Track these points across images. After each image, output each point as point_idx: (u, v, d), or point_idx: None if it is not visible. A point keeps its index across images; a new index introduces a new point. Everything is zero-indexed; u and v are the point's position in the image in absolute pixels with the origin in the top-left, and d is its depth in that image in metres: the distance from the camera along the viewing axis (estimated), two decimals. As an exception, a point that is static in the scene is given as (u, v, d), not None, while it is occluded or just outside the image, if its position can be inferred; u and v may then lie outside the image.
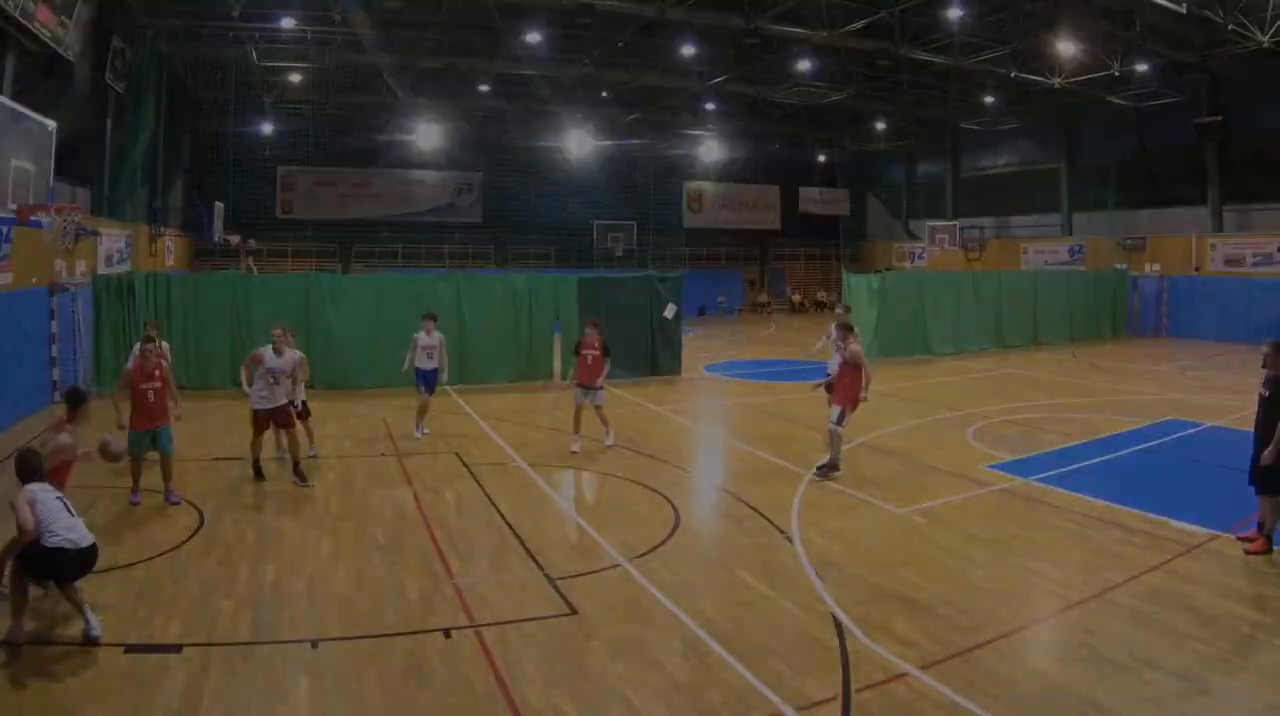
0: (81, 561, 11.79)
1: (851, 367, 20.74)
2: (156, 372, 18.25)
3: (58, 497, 11.99)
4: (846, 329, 21.86)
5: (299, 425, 21.02)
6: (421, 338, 24.34)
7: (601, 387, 23.59)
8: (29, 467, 12.18)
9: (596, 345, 23.69)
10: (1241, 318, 49.46)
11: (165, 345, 22.13)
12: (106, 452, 15.74)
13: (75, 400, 15.43)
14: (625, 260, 73.75)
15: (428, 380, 24.54)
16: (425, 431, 24.57)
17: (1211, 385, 34.66)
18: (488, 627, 12.26)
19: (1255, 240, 53.05)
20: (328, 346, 32.17)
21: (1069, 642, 11.89)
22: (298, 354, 20.87)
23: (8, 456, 21.11)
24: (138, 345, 20.86)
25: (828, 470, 20.57)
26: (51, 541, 11.43)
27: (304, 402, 21.90)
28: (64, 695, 10.17)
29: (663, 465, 21.94)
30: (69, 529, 11.68)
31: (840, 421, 20.59)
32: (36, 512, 11.41)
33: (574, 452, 22.93)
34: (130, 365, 18.40)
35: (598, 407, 23.58)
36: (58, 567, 11.55)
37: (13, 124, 17.72)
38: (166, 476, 18.17)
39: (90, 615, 11.56)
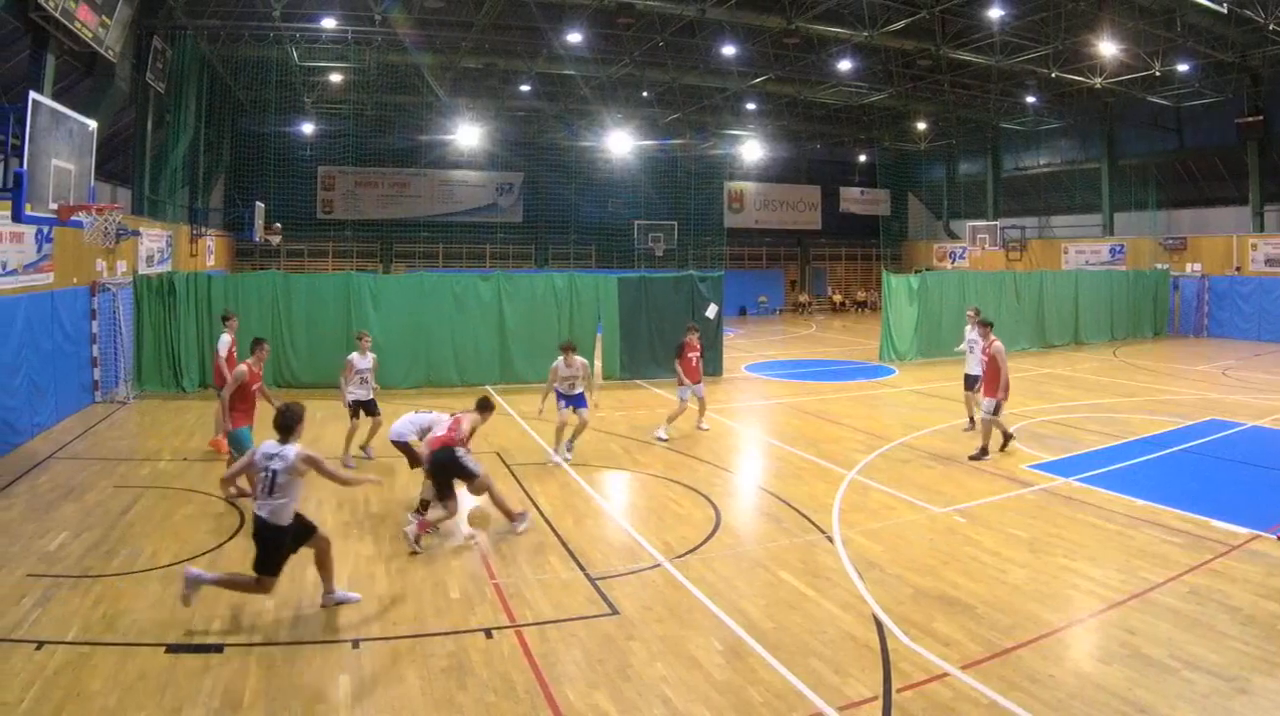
0: None
1: (994, 362, 21.78)
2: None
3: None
4: (987, 326, 23.09)
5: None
6: (560, 368, 22.82)
7: (702, 382, 26.24)
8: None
9: (698, 346, 26.55)
10: (1283, 318, 49.06)
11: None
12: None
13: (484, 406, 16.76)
14: (666, 260, 73.75)
15: (572, 402, 22.93)
16: (568, 456, 23.02)
17: (1252, 385, 34.56)
18: (529, 627, 12.31)
19: (1297, 240, 52.54)
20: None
21: (1109, 642, 11.85)
22: (373, 356, 22.38)
23: (49, 456, 21.44)
24: (225, 338, 22.13)
25: (980, 456, 21.76)
26: None
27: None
28: (105, 695, 10.22)
29: (704, 465, 21.96)
30: None
31: (996, 411, 21.83)
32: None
33: (661, 440, 24.48)
34: (243, 366, 18.51)
35: (701, 398, 26.09)
36: None
37: (54, 124, 17.76)
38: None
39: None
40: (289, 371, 32.04)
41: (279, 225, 60.64)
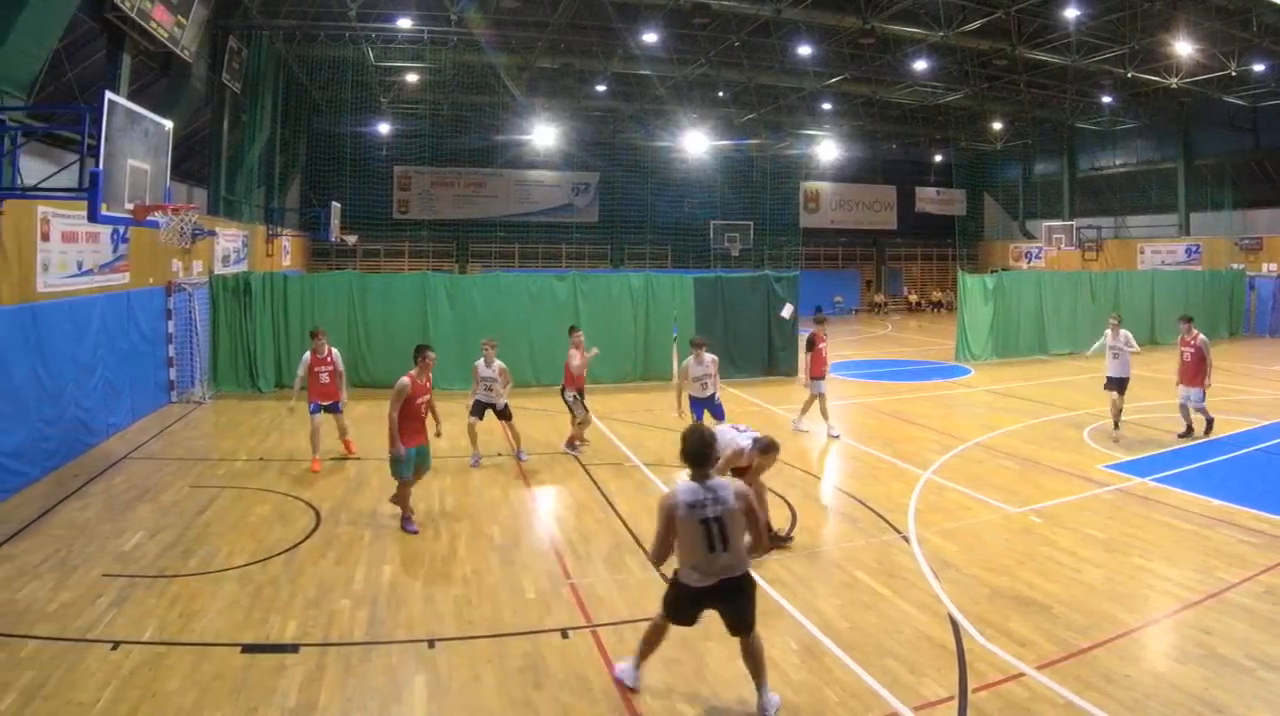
0: None
1: (1201, 353, 24.05)
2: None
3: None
4: (1188, 320, 25.43)
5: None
6: (692, 366, 22.49)
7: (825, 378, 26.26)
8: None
9: (827, 339, 26.81)
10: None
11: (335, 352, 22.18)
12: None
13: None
14: (742, 260, 73.66)
15: (704, 407, 22.53)
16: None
17: (1329, 385, 33.91)
18: (605, 628, 12.36)
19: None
20: (444, 346, 31.69)
21: (1185, 642, 11.79)
22: (500, 364, 22.25)
23: (125, 456, 21.58)
24: (310, 350, 21.14)
25: (1187, 435, 24.27)
26: None
27: (505, 404, 22.30)
28: (181, 695, 10.30)
29: (780, 464, 21.58)
30: None
31: (1204, 399, 24.40)
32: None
33: (801, 431, 25.40)
34: (406, 378, 16.94)
35: (821, 394, 25.88)
36: None
37: (130, 123, 17.81)
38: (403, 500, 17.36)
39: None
40: (365, 371, 32.02)
41: (355, 238, 61.66)
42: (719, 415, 22.24)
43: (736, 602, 10.13)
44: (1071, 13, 42.69)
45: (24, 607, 12.61)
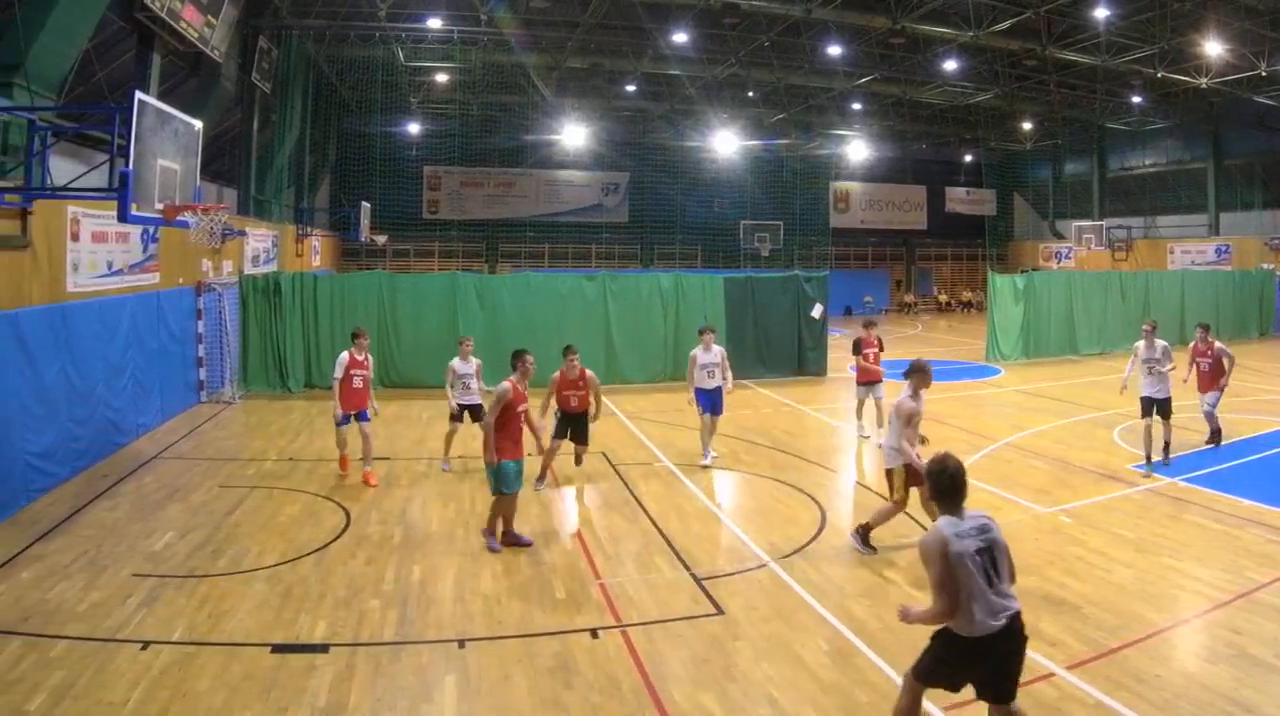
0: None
1: (1218, 362, 22.97)
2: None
3: None
4: (1205, 328, 23.78)
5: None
6: (700, 354, 22.01)
7: (881, 382, 24.94)
8: None
9: (877, 343, 25.48)
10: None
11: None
12: None
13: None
14: (772, 260, 73.66)
15: (711, 401, 22.05)
16: (713, 456, 22.20)
17: (1360, 386, 33.80)
18: (634, 627, 12.36)
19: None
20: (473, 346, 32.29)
21: (1215, 642, 11.77)
22: (476, 361, 21.87)
23: (154, 456, 21.64)
24: (350, 350, 20.07)
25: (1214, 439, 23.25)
26: None
27: (480, 405, 21.60)
28: (211, 695, 10.31)
29: (809, 465, 21.95)
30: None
31: (1217, 404, 23.31)
32: None
33: (865, 437, 24.62)
34: (507, 383, 15.78)
35: (879, 399, 24.45)
36: None
37: (160, 123, 17.82)
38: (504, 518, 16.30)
39: None
40: (394, 372, 32.17)
41: (385, 238, 61.83)
42: (718, 410, 22.16)
43: (1014, 647, 8.70)
44: (1101, 13, 42.67)
45: (54, 607, 12.63)
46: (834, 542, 16.09)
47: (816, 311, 36.48)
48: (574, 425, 19.98)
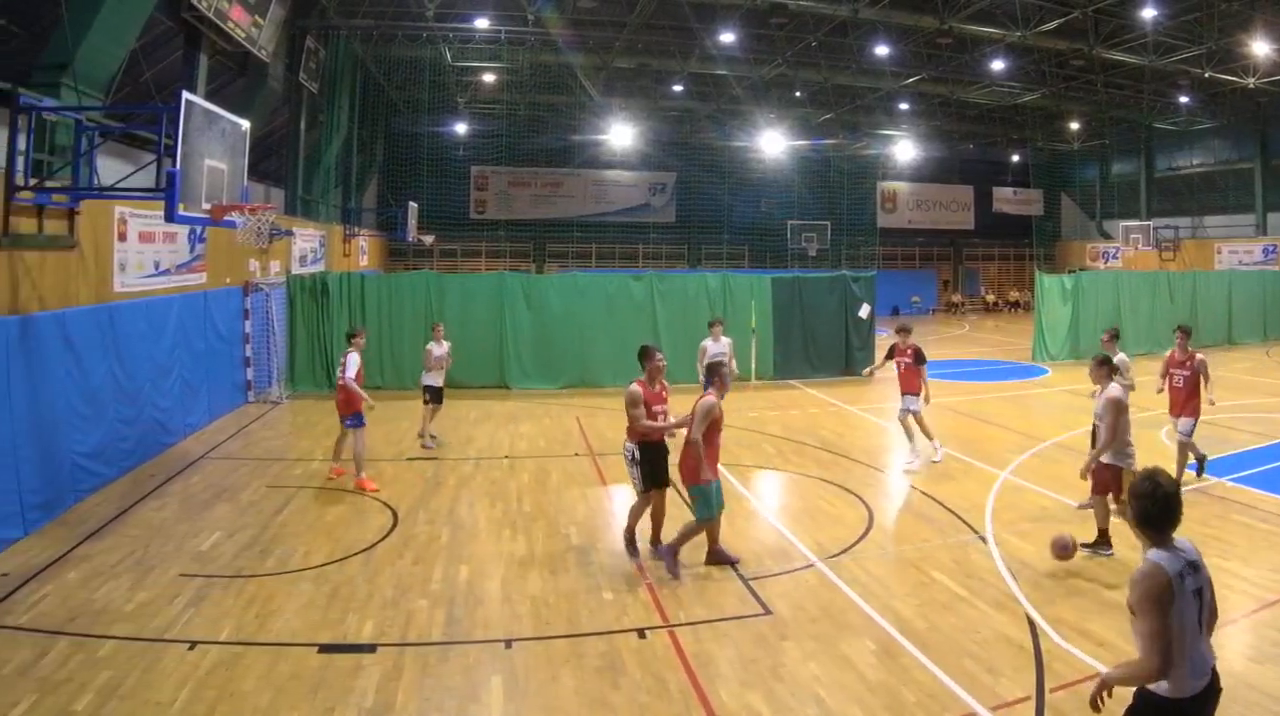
0: None
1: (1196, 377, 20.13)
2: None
3: None
4: (1185, 332, 21.02)
5: None
6: (709, 345, 24.00)
7: (916, 394, 22.04)
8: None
9: (909, 353, 22.36)
10: None
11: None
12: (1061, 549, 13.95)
13: None
14: (819, 260, 73.35)
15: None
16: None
17: None
18: (682, 627, 12.33)
19: None
20: (519, 346, 32.67)
21: (1262, 642, 11.72)
22: (448, 343, 22.57)
23: (202, 456, 21.68)
24: (354, 358, 19.60)
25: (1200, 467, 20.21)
26: None
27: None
28: (258, 695, 10.33)
29: (856, 464, 21.95)
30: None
31: (1193, 431, 20.04)
32: None
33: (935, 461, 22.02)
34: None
35: (910, 413, 22.09)
36: None
37: (207, 123, 17.83)
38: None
39: None
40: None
41: (432, 238, 61.98)
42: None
43: (1214, 708, 7.13)
44: (1149, 13, 42.59)
45: (101, 607, 12.67)
46: (881, 542, 16.06)
47: (864, 311, 36.45)
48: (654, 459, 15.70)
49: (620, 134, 65.15)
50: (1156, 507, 7.05)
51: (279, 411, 28.56)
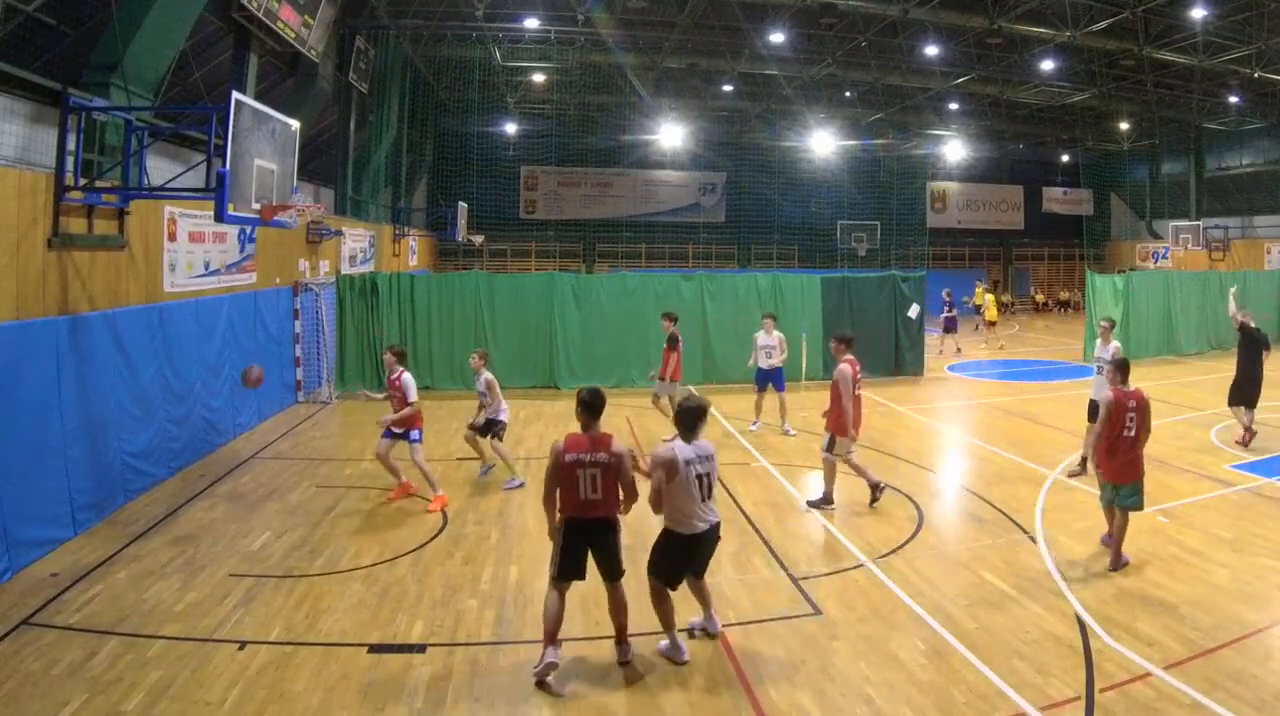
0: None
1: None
2: None
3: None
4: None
5: None
6: (760, 337, 25.60)
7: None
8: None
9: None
10: None
11: None
12: None
13: None
14: (868, 260, 73.21)
15: (765, 378, 25.53)
16: (756, 426, 25.68)
17: None
18: (732, 627, 12.36)
19: None
20: (570, 346, 32.71)
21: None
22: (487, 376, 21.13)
23: (252, 456, 21.76)
24: (408, 377, 19.23)
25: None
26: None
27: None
28: (308, 695, 10.41)
29: (906, 465, 21.90)
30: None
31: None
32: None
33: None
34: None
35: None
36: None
37: (256, 123, 17.86)
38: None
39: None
40: (489, 371, 31.74)
41: (482, 238, 62.10)
42: (780, 386, 25.50)
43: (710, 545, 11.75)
44: (1198, 13, 42.32)
45: (151, 607, 12.77)
46: (930, 542, 16.09)
47: (914, 312, 36.37)
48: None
49: (670, 134, 65.17)
50: (687, 416, 11.70)
51: (328, 412, 28.70)
